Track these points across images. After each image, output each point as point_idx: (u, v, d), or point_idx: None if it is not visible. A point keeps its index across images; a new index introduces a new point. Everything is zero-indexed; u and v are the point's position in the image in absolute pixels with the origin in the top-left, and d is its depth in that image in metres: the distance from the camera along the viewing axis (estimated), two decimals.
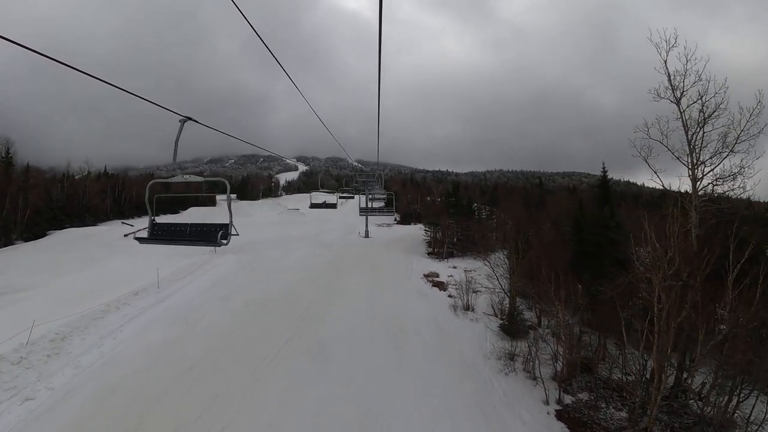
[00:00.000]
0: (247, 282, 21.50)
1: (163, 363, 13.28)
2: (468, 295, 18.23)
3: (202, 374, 12.09)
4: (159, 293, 20.85)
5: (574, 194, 28.48)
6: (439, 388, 11.84)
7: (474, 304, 18.22)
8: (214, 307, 18.17)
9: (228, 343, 14.56)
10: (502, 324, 16.30)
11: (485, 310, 18.15)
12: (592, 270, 14.44)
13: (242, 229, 33.58)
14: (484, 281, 21.57)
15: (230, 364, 12.73)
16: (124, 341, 15.69)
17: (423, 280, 22.88)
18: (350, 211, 66.11)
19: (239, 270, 24.15)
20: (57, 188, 54.49)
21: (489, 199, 40.73)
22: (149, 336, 15.77)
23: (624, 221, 17.71)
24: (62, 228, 46.71)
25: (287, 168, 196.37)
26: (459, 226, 31.92)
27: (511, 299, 16.42)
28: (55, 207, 52.06)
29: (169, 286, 21.53)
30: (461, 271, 25.23)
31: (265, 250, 30.55)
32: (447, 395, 11.46)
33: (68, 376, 12.86)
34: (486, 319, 17.33)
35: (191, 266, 24.99)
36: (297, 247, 32.25)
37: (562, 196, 25.87)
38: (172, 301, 19.62)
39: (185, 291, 20.66)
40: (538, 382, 13.01)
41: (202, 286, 21.12)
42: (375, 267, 25.63)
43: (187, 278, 22.87)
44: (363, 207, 33.49)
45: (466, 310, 18.03)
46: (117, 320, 17.69)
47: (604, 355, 15.06)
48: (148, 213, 7.81)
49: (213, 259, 26.75)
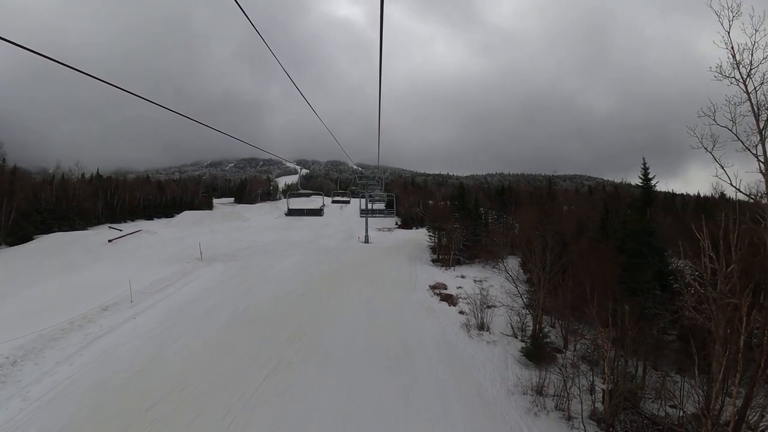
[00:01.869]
0: (232, 295, 19.13)
1: (119, 399, 10.98)
2: (482, 312, 15.84)
3: (161, 418, 9.76)
4: (132, 308, 18.56)
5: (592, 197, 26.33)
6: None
7: (490, 322, 15.81)
8: (191, 327, 15.85)
9: (200, 374, 12.23)
10: (525, 348, 13.93)
11: (502, 329, 15.77)
12: (633, 284, 12.13)
13: (237, 234, 30.90)
14: (500, 294, 19.25)
15: (198, 402, 10.39)
16: (82, 368, 13.49)
17: (429, 292, 20.45)
18: (351, 215, 64.13)
19: (225, 280, 21.81)
20: (46, 191, 52.54)
21: (496, 203, 38.40)
22: (110, 362, 13.50)
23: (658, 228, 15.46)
24: (50, 232, 44.74)
25: (287, 171, 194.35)
26: (467, 231, 29.62)
27: (537, 319, 14.04)
28: (43, 210, 50.22)
29: (144, 300, 19.23)
30: (471, 282, 22.89)
31: (257, 256, 28.25)
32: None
33: (13, 410, 10.74)
34: (504, 340, 14.96)
35: (173, 275, 22.70)
36: (291, 253, 29.91)
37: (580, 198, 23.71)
38: (144, 318, 17.32)
39: (161, 306, 18.35)
40: (574, 423, 10.70)
41: (181, 300, 18.80)
42: (375, 277, 23.22)
43: (167, 289, 20.55)
44: (363, 208, 32.90)
45: (480, 329, 15.64)
46: (78, 341, 15.49)
47: (646, 385, 12.73)
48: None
49: (199, 268, 24.45)
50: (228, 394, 10.71)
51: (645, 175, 15.66)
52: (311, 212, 20.62)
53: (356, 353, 13.14)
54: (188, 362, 13.05)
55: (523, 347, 14.25)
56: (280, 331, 14.43)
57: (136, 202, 64.71)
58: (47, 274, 26.30)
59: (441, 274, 25.11)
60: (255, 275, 22.78)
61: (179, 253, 29.91)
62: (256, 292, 19.64)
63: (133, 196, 64.40)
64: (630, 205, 16.56)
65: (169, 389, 11.27)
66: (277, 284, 20.95)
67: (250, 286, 20.50)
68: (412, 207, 64.05)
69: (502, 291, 20.17)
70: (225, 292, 19.78)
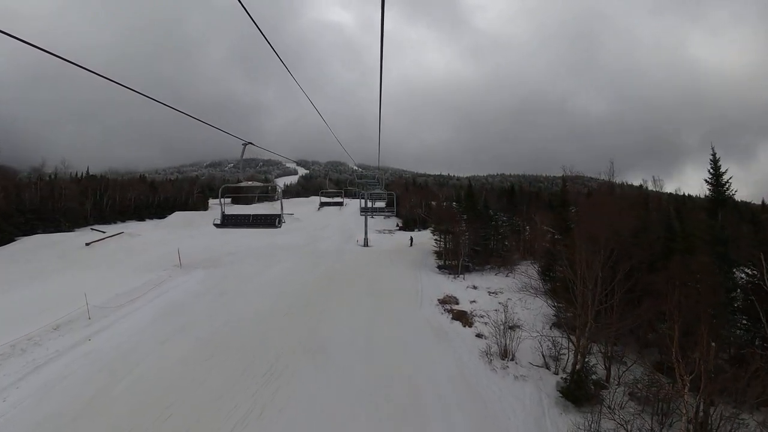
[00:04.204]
0: (206, 312, 16.21)
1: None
2: (505, 337, 12.92)
3: None
4: (89, 326, 15.78)
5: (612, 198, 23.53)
6: None
7: (515, 349, 12.89)
8: (151, 353, 13.04)
9: (151, 419, 9.46)
10: (564, 386, 11.05)
11: (530, 356, 12.86)
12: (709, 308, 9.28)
13: (227, 236, 26.49)
14: (521, 311, 16.38)
15: None
16: (16, 405, 10.92)
17: (438, 308, 17.46)
18: (350, 215, 61.21)
19: (202, 293, 18.89)
20: (31, 190, 50.07)
21: (506, 204, 35.50)
22: (52, 397, 10.91)
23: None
24: (34, 233, 42.17)
25: (286, 172, 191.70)
26: (476, 234, 26.73)
27: (579, 349, 11.10)
28: (26, 210, 47.78)
29: (105, 316, 16.42)
30: (484, 294, 19.98)
31: (244, 262, 25.38)
32: None
33: None
34: (535, 373, 12.08)
35: (145, 286, 19.84)
36: (282, 258, 26.99)
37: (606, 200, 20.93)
38: (101, 340, 14.53)
39: (122, 324, 15.53)
40: None
41: (147, 317, 15.96)
42: (375, 288, 20.25)
43: (133, 303, 17.70)
44: (363, 207, 33.00)
45: (503, 357, 12.75)
46: (18, 369, 12.83)
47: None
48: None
49: (176, 276, 21.59)
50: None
51: (716, 171, 12.38)
52: (258, 222, 12.80)
53: (349, 399, 10.26)
54: (141, 401, 10.28)
55: (560, 384, 11.38)
56: (255, 364, 11.54)
57: (127, 202, 62.40)
58: (12, 283, 23.53)
59: (449, 283, 22.18)
60: (237, 286, 19.85)
61: (160, 258, 27.04)
62: (235, 307, 16.72)
63: (124, 196, 61.98)
64: (691, 210, 13.73)
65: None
66: (260, 297, 18.03)
67: (229, 300, 17.58)
68: (413, 208, 61.20)
69: (524, 306, 17.35)
70: (199, 307, 16.87)
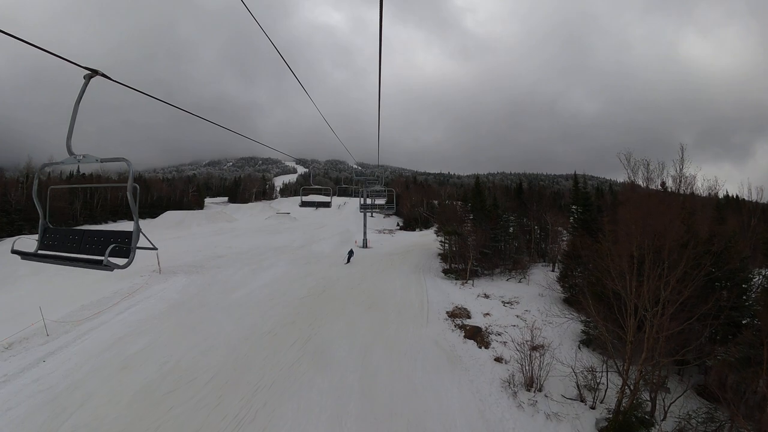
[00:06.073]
0: (175, 333, 13.85)
1: None
2: (531, 362, 10.74)
3: None
4: (46, 344, 13.64)
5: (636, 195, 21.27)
6: None
7: (542, 376, 10.71)
8: (108, 381, 10.88)
9: None
10: (604, 426, 8.91)
11: (560, 387, 10.70)
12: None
13: (216, 237, 23.23)
14: (543, 326, 14.20)
15: None
16: None
17: (448, 324, 15.11)
18: (350, 215, 59.07)
19: (177, 305, 16.62)
20: (17, 190, 48.21)
21: (515, 203, 33.33)
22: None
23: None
24: (20, 234, 40.23)
25: (285, 171, 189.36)
26: (485, 236, 24.55)
27: (627, 383, 8.94)
28: (12, 211, 45.90)
29: (65, 333, 14.27)
30: (498, 304, 17.79)
31: (231, 267, 23.18)
32: None
33: None
34: (570, 409, 9.93)
35: (116, 296, 17.71)
36: (273, 263, 24.75)
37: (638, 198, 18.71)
38: (56, 362, 12.38)
39: (82, 343, 13.37)
40: None
41: (111, 335, 13.78)
42: (374, 300, 17.93)
43: (99, 317, 15.53)
44: (363, 204, 33.11)
45: (529, 388, 10.60)
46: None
47: None
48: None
49: (152, 284, 19.38)
50: None
51: None
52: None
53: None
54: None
55: (599, 423, 9.23)
56: (221, 411, 9.27)
57: (118, 201, 60.77)
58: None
59: (458, 291, 19.98)
60: (218, 297, 17.58)
61: (140, 261, 24.87)
62: (212, 325, 14.45)
63: (115, 195, 60.32)
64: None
65: None
66: (241, 312, 15.73)
67: (206, 316, 15.28)
68: (415, 207, 59.06)
69: (545, 320, 15.20)
70: (169, 324, 14.60)
